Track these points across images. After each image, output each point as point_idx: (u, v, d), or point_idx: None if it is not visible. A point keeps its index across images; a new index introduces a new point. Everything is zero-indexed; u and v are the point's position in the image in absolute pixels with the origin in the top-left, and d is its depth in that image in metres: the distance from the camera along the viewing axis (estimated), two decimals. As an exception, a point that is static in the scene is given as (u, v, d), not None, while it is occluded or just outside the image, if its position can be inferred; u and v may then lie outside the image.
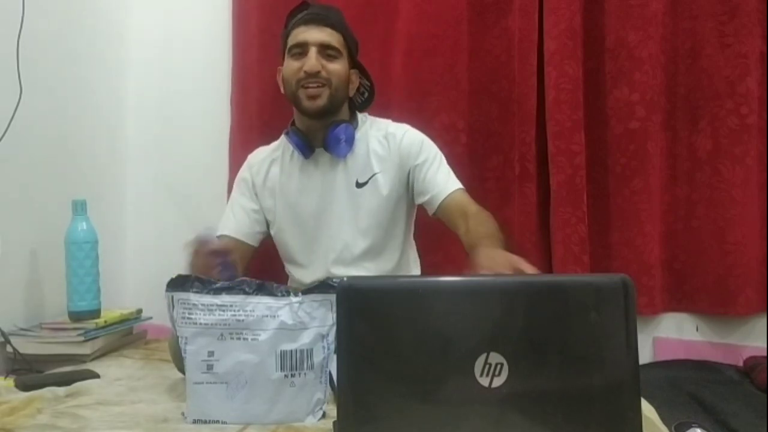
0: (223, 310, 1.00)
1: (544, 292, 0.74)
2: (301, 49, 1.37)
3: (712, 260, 1.55)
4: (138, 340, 1.66)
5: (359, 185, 1.42)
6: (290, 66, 1.38)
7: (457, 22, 1.67)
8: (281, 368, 0.99)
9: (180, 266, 1.17)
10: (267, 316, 0.99)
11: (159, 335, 1.67)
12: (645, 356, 1.61)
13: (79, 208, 1.49)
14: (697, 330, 1.60)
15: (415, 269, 1.55)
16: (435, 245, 1.64)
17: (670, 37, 1.59)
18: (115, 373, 1.33)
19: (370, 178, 1.42)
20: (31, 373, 1.32)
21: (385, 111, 1.57)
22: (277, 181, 1.48)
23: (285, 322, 0.99)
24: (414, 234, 1.56)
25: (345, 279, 0.72)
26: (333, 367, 1.02)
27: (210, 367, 0.99)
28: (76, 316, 1.45)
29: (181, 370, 1.22)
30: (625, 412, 0.71)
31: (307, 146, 1.42)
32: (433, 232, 1.65)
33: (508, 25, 1.66)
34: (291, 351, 0.99)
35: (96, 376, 1.28)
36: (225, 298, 1.00)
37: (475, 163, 1.68)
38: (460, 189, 1.39)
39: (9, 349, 1.38)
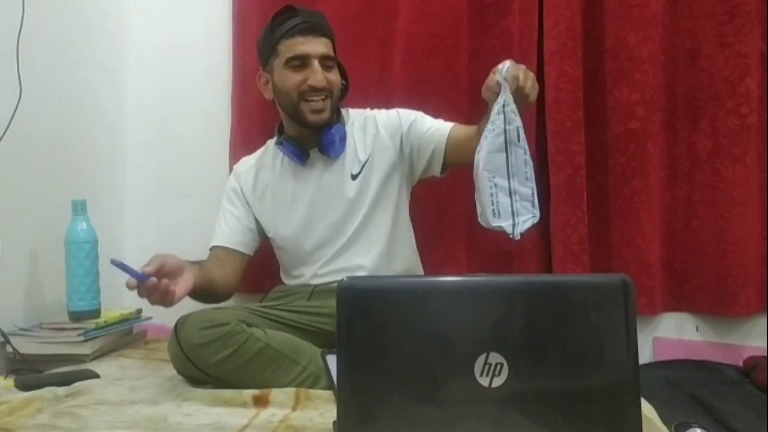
0: None
1: (544, 292, 0.74)
2: (301, 61, 1.37)
3: (712, 260, 1.55)
4: (138, 340, 1.66)
5: (354, 177, 1.45)
6: (290, 78, 1.38)
7: (457, 22, 1.66)
8: None
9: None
10: None
11: (159, 335, 1.67)
12: (645, 356, 1.60)
13: (79, 208, 1.49)
14: (696, 330, 1.60)
15: (413, 256, 1.53)
16: (435, 245, 1.64)
17: (670, 37, 1.59)
18: (115, 373, 1.33)
19: (362, 168, 1.45)
20: (31, 373, 1.32)
21: (385, 111, 1.57)
22: (268, 186, 1.49)
23: None
24: (414, 234, 1.55)
25: (345, 279, 0.72)
26: (333, 367, 1.02)
27: None
28: (76, 316, 1.45)
29: (180, 371, 1.22)
30: (625, 412, 0.71)
31: (302, 152, 1.44)
32: (433, 232, 1.64)
33: (508, 25, 1.66)
34: None
35: (96, 376, 1.28)
36: None
37: (475, 163, 1.68)
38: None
39: (9, 349, 1.38)
